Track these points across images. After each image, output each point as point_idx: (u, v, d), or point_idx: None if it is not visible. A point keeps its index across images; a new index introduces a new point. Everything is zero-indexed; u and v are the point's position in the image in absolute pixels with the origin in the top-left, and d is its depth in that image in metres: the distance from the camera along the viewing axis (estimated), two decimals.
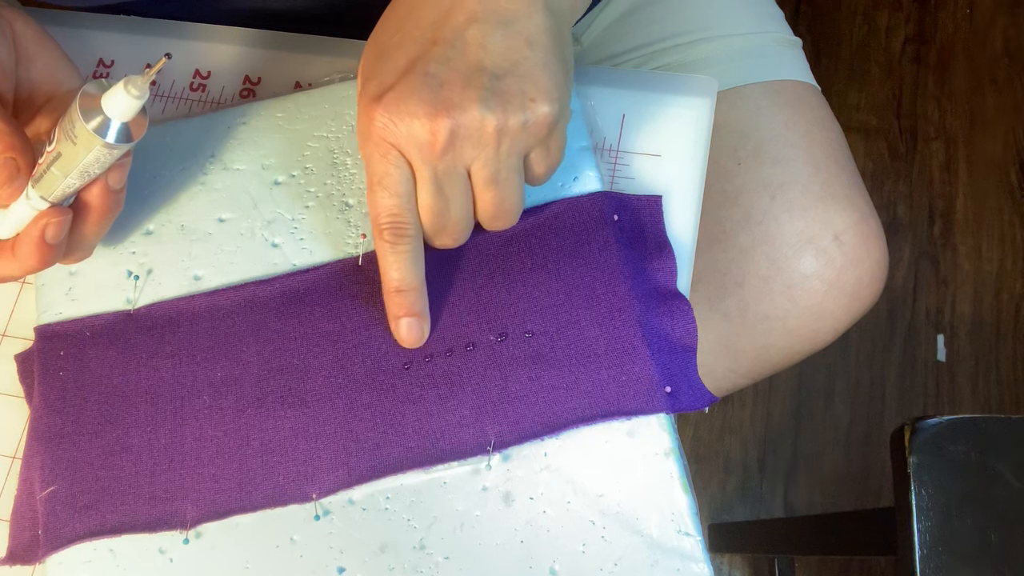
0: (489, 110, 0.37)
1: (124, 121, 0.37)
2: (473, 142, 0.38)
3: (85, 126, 0.36)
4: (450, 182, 0.39)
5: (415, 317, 0.42)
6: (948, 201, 1.29)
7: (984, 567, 0.58)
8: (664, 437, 0.41)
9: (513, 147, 0.39)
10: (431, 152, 0.38)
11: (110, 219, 0.42)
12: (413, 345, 0.43)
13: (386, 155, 0.39)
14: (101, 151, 0.37)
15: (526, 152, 0.40)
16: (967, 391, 1.19)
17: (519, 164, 0.40)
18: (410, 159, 0.39)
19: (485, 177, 0.39)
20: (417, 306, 0.42)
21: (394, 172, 0.39)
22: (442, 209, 0.40)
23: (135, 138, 0.38)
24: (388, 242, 0.40)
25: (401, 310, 0.42)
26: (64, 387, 0.44)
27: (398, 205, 0.40)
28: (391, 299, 0.42)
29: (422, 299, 0.42)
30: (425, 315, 0.42)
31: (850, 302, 0.59)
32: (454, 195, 0.40)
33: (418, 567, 0.40)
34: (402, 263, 0.41)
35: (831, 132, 0.62)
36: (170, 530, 0.41)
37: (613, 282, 0.43)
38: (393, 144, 0.38)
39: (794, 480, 1.16)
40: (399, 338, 0.42)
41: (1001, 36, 1.38)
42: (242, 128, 0.49)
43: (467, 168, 0.39)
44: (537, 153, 0.40)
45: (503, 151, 0.39)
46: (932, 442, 0.60)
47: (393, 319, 0.42)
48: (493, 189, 0.40)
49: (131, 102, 0.36)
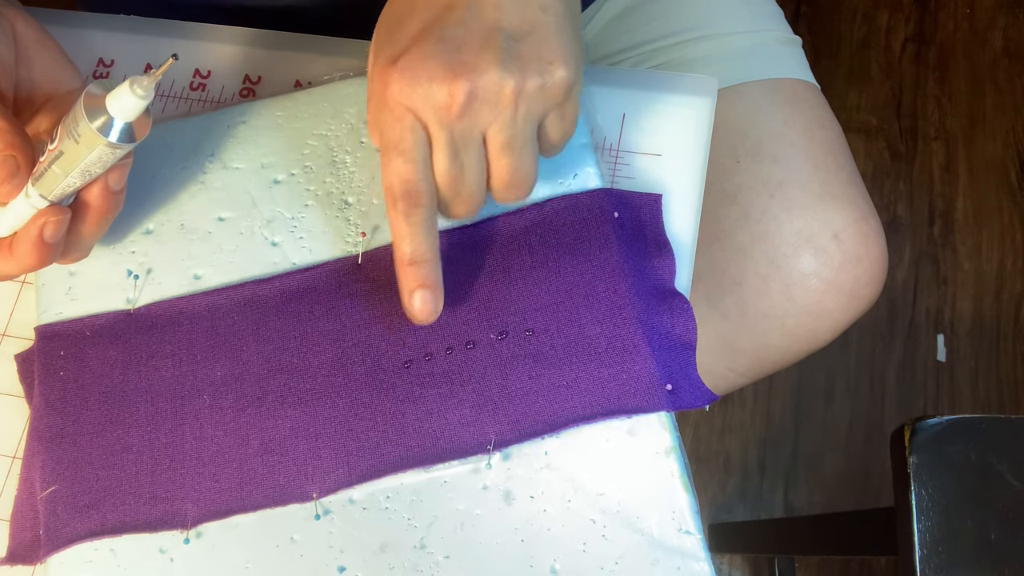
0: (507, 72, 0.37)
1: (128, 121, 0.37)
2: (491, 105, 0.37)
3: (89, 125, 0.36)
4: (466, 147, 0.39)
5: (429, 289, 0.40)
6: (948, 201, 1.29)
7: (984, 567, 0.58)
8: (665, 435, 0.41)
9: (530, 111, 0.38)
10: (448, 115, 0.37)
11: (109, 220, 0.42)
12: (427, 320, 0.41)
13: (401, 119, 0.38)
14: (104, 150, 0.37)
15: (541, 118, 0.39)
16: (967, 391, 1.19)
17: (534, 131, 0.39)
18: (426, 123, 0.38)
19: (502, 142, 0.39)
20: (431, 278, 0.40)
21: (409, 137, 0.38)
22: (457, 175, 0.39)
23: (138, 138, 0.37)
24: (402, 211, 0.39)
25: (415, 282, 0.40)
26: (64, 387, 0.44)
27: (413, 171, 0.39)
28: (404, 271, 0.40)
29: (436, 271, 0.40)
30: (439, 288, 0.41)
31: (849, 301, 0.59)
32: (469, 161, 0.39)
33: (418, 566, 0.40)
34: (416, 233, 0.40)
35: (830, 131, 0.62)
36: (171, 530, 0.41)
37: (613, 280, 0.43)
38: (409, 108, 0.38)
39: (794, 480, 1.15)
40: (412, 313, 0.41)
41: (1001, 36, 1.38)
42: (241, 127, 0.49)
43: (483, 133, 0.39)
44: (552, 119, 0.40)
45: (520, 115, 0.38)
46: (932, 442, 0.60)
47: (406, 292, 0.40)
48: (508, 155, 0.39)
49: (136, 102, 0.36)
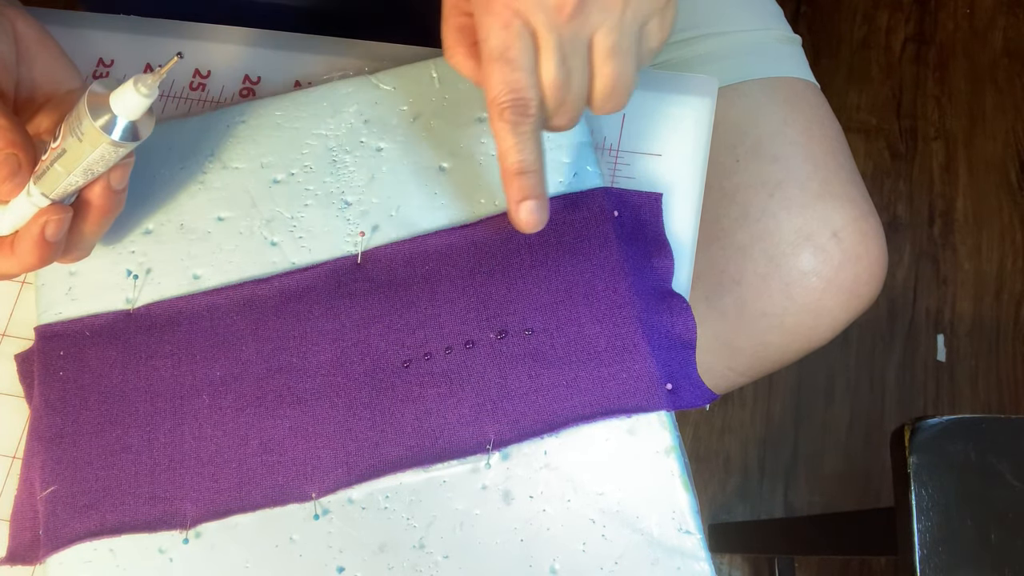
0: None
1: (131, 120, 0.37)
2: (600, 6, 0.37)
3: (93, 123, 0.36)
4: (573, 51, 0.38)
5: (537, 200, 0.40)
6: (948, 201, 1.29)
7: (984, 567, 0.58)
8: (664, 435, 0.41)
9: (636, 14, 0.38)
10: (559, 16, 0.37)
11: (110, 219, 0.42)
12: (533, 229, 0.41)
13: (509, 24, 0.37)
14: (107, 148, 0.37)
15: (645, 22, 0.38)
16: (967, 391, 1.19)
17: (639, 35, 0.39)
18: (535, 26, 0.37)
19: (608, 46, 0.38)
20: (539, 188, 0.40)
21: (517, 43, 0.37)
22: (564, 82, 0.39)
23: (141, 137, 0.37)
24: (510, 122, 0.38)
25: (522, 193, 0.40)
26: (64, 387, 0.44)
27: (521, 79, 0.38)
28: (512, 182, 0.40)
29: (543, 181, 0.41)
30: (546, 198, 0.41)
31: (849, 300, 0.59)
32: (576, 66, 0.38)
33: (417, 566, 0.40)
34: (524, 143, 0.39)
35: (830, 129, 0.62)
36: (170, 530, 0.41)
37: (613, 279, 0.43)
38: (518, 11, 0.37)
39: (794, 480, 1.15)
40: (518, 222, 0.41)
41: (1001, 36, 1.38)
42: (241, 127, 0.48)
43: (590, 37, 0.38)
44: (654, 24, 0.39)
45: (627, 18, 0.37)
46: (932, 442, 0.60)
47: (514, 203, 0.40)
48: (613, 61, 0.38)
49: (140, 100, 0.36)
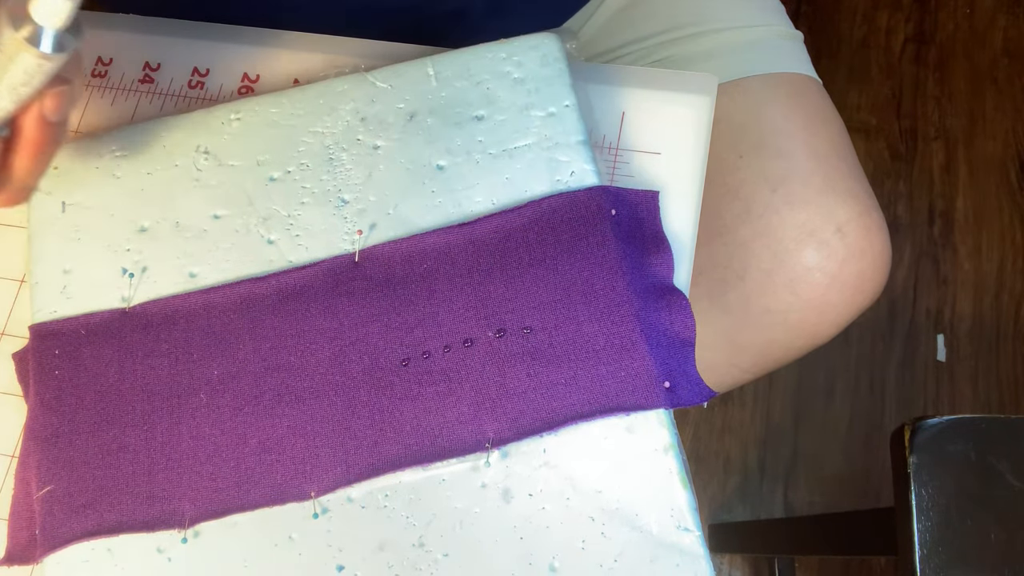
0: None
1: (56, 28, 0.34)
2: None
3: (14, 33, 0.34)
4: None
5: None
6: (948, 201, 1.29)
7: (984, 567, 0.58)
8: (663, 433, 0.41)
9: None
10: None
11: (47, 155, 0.41)
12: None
13: None
14: (29, 62, 0.35)
15: None
16: (967, 391, 1.19)
17: None
18: None
19: None
20: None
21: None
22: None
23: (67, 48, 0.35)
24: None
25: None
26: (60, 386, 0.44)
27: None
28: None
29: None
30: None
31: (852, 295, 0.59)
32: None
33: (417, 565, 0.40)
34: None
35: (832, 124, 0.61)
36: (168, 529, 0.41)
37: (611, 277, 0.43)
38: None
39: (794, 480, 1.15)
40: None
41: (1001, 36, 1.38)
42: (237, 124, 0.48)
43: None
44: None
45: None
46: (932, 442, 0.60)
47: None
48: None
49: (60, 4, 0.34)
